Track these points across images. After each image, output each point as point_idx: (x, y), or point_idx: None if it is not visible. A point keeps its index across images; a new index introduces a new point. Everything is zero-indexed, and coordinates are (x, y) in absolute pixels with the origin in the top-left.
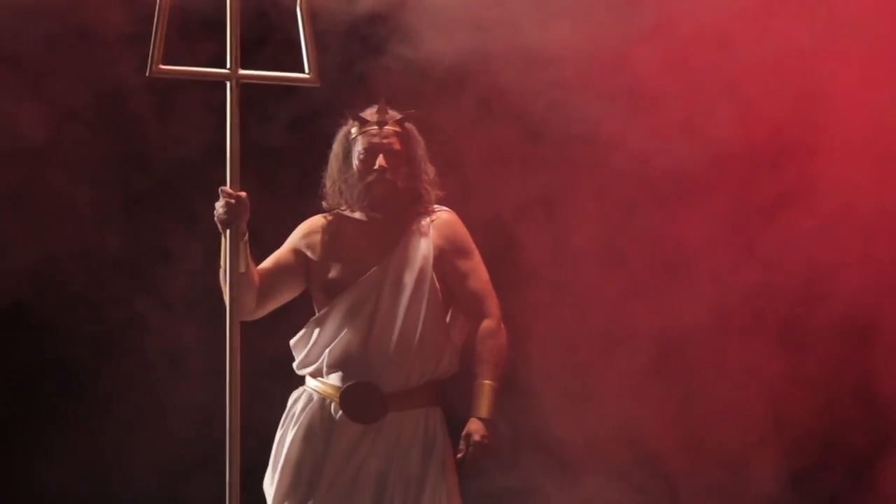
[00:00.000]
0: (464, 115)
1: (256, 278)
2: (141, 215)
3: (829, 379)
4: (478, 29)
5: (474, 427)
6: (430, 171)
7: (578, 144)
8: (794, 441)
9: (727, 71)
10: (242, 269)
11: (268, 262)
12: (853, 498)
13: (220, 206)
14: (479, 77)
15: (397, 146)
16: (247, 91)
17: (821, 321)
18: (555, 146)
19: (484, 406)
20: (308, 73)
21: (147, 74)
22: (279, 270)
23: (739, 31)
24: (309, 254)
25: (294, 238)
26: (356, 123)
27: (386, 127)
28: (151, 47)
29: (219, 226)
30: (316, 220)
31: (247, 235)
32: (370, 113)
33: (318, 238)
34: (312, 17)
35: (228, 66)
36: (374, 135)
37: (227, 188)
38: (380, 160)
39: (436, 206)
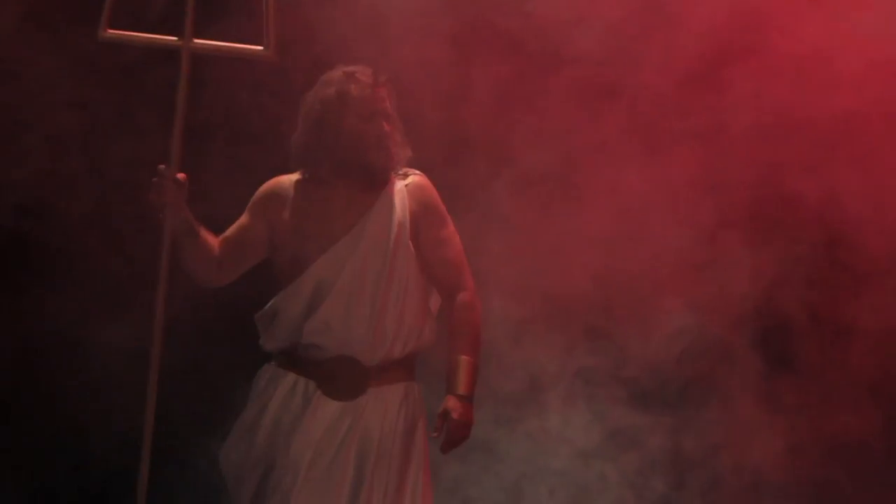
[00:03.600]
0: None
1: (214, 248)
2: None
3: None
4: None
5: (452, 405)
6: (402, 130)
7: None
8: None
9: None
10: (189, 244)
11: (230, 231)
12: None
13: (154, 188)
14: None
15: (389, 109)
16: None
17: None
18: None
19: (462, 383)
20: (265, 47)
21: (97, 39)
22: (241, 240)
23: None
24: (273, 220)
25: (255, 204)
26: (351, 83)
27: (377, 88)
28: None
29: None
30: (278, 184)
31: (186, 213)
32: (359, 72)
33: (282, 204)
34: None
35: (182, 34)
36: (373, 98)
37: (165, 168)
38: (385, 128)
39: (406, 169)
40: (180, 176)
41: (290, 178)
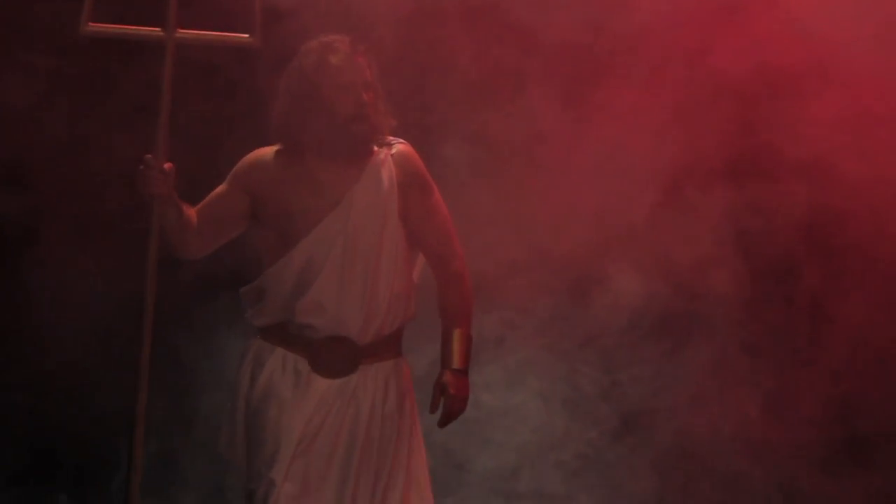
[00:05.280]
0: None
1: (194, 221)
2: None
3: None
4: None
5: (448, 379)
6: (384, 99)
7: None
8: None
9: None
10: (177, 227)
11: (209, 203)
12: None
13: (140, 178)
14: None
15: (370, 78)
16: None
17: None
18: None
19: (457, 356)
20: (251, 34)
21: (79, 32)
22: (220, 212)
23: None
24: (256, 193)
25: (236, 176)
26: (329, 53)
27: (356, 58)
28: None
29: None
30: (260, 157)
31: (176, 201)
32: (338, 42)
33: (265, 177)
34: None
35: (165, 25)
36: (352, 68)
37: (152, 159)
38: (364, 97)
39: (390, 138)
40: (167, 165)
41: (271, 150)
